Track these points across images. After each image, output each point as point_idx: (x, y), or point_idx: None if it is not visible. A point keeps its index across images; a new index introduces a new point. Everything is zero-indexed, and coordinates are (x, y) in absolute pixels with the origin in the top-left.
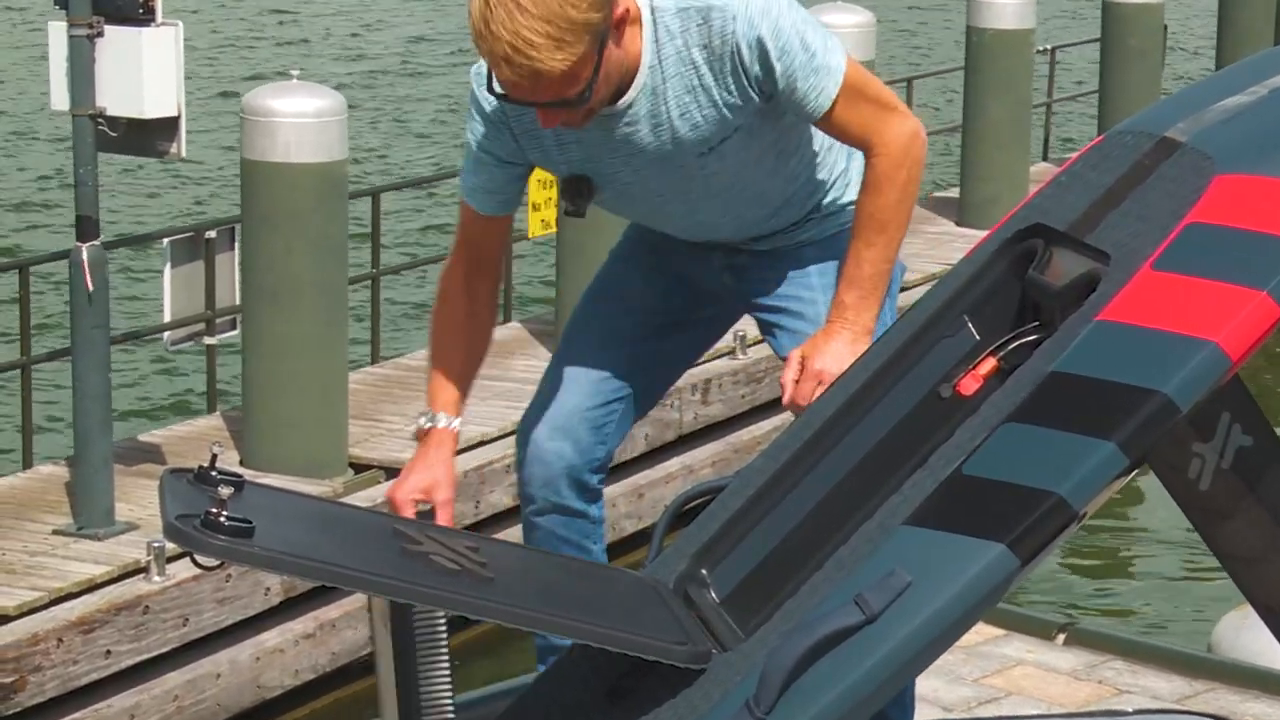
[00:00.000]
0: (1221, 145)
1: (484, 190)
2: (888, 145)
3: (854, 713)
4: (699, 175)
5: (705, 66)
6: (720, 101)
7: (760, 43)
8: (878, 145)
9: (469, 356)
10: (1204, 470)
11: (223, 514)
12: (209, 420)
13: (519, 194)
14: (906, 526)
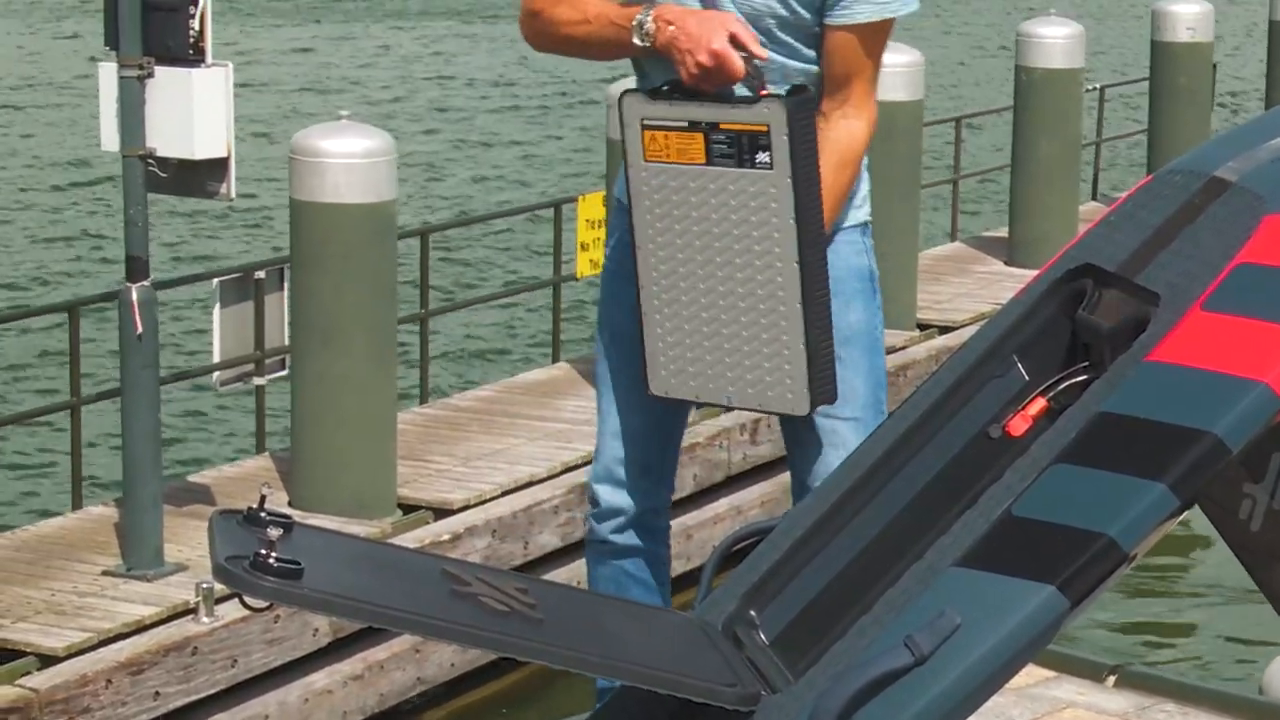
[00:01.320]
0: (1272, 184)
1: None
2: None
3: None
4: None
5: None
6: None
7: None
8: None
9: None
10: (1255, 511)
11: (272, 555)
12: (258, 461)
13: None
14: (956, 568)
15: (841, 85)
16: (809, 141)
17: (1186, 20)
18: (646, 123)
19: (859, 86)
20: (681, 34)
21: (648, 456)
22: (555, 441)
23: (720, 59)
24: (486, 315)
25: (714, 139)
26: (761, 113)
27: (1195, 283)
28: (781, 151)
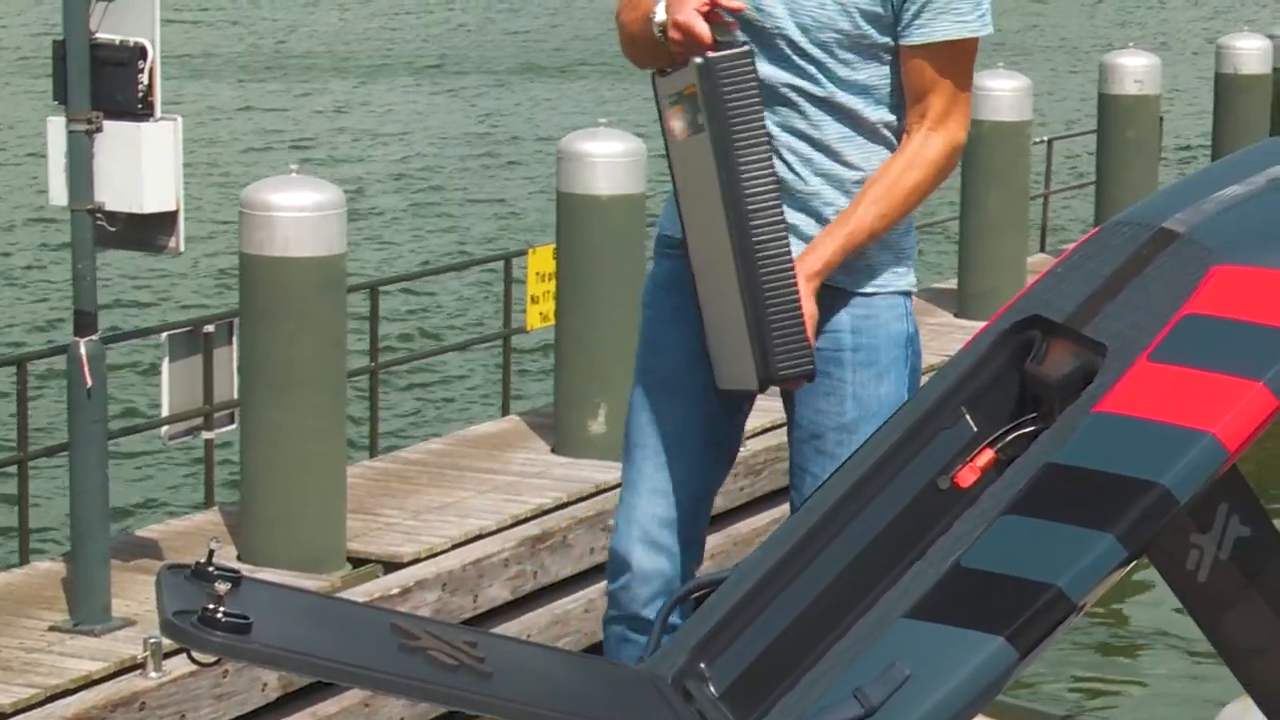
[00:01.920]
0: (1218, 236)
1: None
2: (948, 133)
3: None
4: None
5: None
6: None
7: None
8: (938, 123)
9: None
10: (1203, 561)
11: (220, 610)
12: (206, 515)
13: None
14: (906, 619)
15: (918, 101)
16: (733, 99)
17: (1134, 73)
18: (667, 100)
19: (937, 102)
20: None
21: (687, 513)
22: (505, 494)
23: (683, 29)
24: (436, 368)
25: (685, 108)
26: (689, 75)
27: (1143, 334)
28: (704, 110)
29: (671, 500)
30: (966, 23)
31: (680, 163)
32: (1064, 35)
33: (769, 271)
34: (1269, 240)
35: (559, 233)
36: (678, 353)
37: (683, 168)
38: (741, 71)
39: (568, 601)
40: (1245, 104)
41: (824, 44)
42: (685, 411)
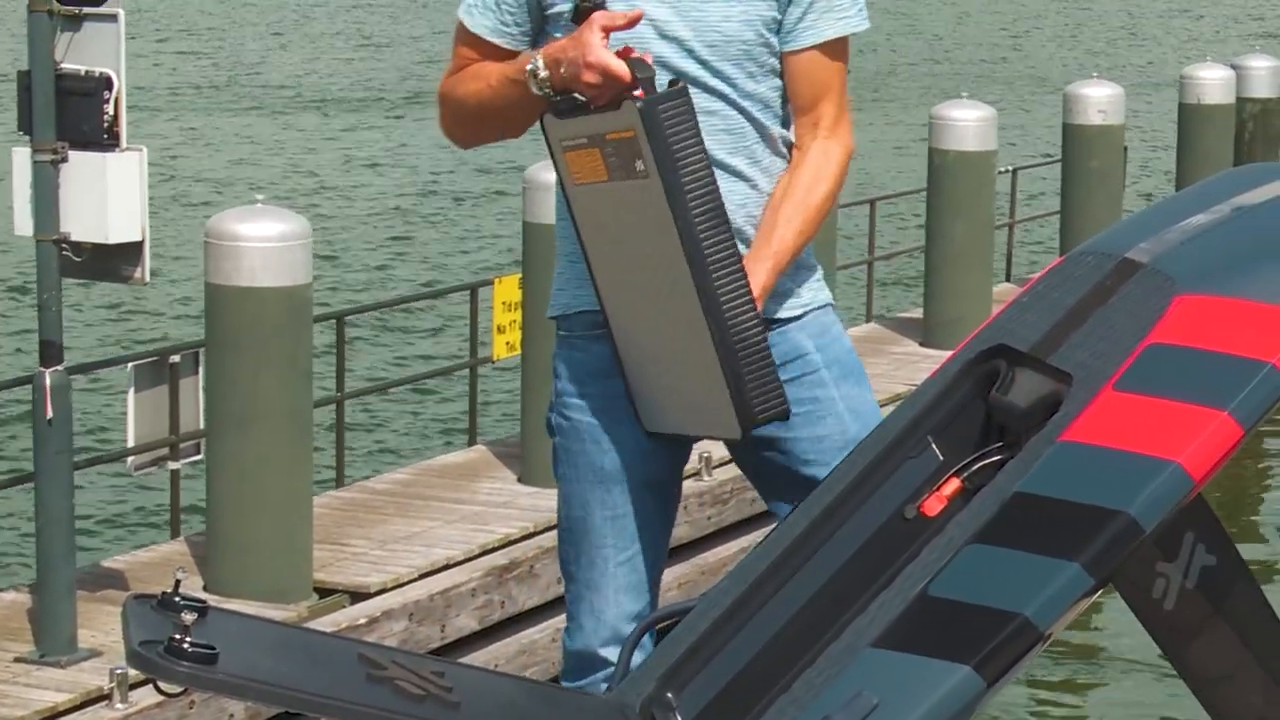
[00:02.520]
0: (1182, 266)
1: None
2: (842, 141)
3: None
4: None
5: None
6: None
7: None
8: (832, 132)
9: None
10: (1169, 590)
11: (186, 640)
12: (173, 545)
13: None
14: (872, 648)
15: (810, 109)
16: (678, 141)
17: (1098, 103)
18: (565, 144)
19: (829, 109)
20: (566, 64)
21: (655, 587)
22: (472, 524)
23: (599, 70)
24: (403, 398)
25: (606, 152)
26: (625, 119)
27: (1108, 363)
28: (648, 156)
29: (642, 590)
30: (849, 19)
31: (588, 207)
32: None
33: (735, 316)
34: (1232, 270)
35: (525, 262)
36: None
37: (592, 212)
38: (683, 110)
39: (535, 631)
40: (1208, 134)
41: (733, 58)
42: (640, 500)
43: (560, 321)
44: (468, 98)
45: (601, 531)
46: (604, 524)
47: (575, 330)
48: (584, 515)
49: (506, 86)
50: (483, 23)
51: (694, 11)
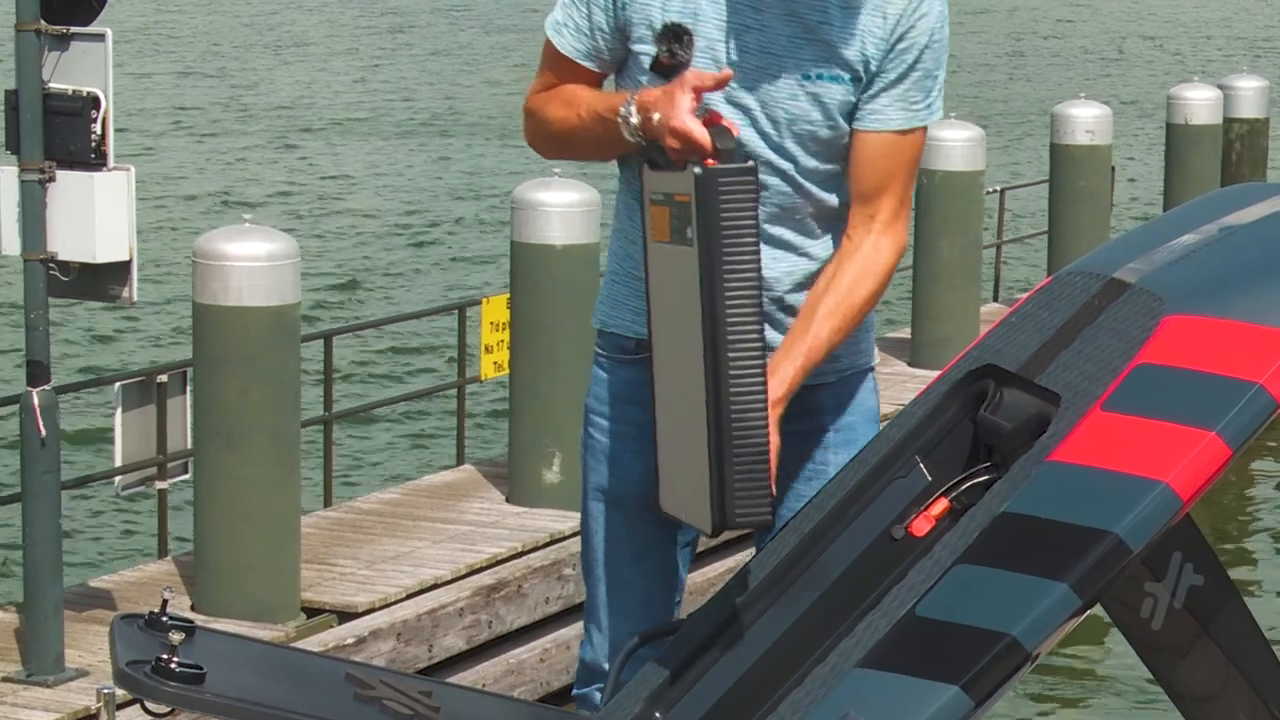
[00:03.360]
0: (1170, 286)
1: (573, 28)
2: (896, 238)
3: None
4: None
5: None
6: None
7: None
8: (887, 228)
9: None
10: (1156, 609)
11: (174, 660)
12: (160, 565)
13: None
14: (860, 669)
15: (869, 200)
16: (728, 219)
17: (1085, 123)
18: (650, 197)
19: (888, 202)
20: (658, 114)
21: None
22: (459, 544)
23: (681, 136)
24: (391, 418)
25: (672, 212)
26: (685, 182)
27: (1095, 383)
28: (695, 226)
29: (652, 608)
30: (917, 111)
31: (656, 265)
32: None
33: (740, 408)
34: (1220, 290)
35: (513, 282)
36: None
37: (658, 271)
38: (743, 188)
39: (522, 651)
40: (1196, 154)
41: (796, 136)
42: (651, 523)
43: (597, 333)
44: (556, 122)
45: (612, 550)
46: (614, 543)
47: (604, 349)
48: (597, 531)
49: (597, 123)
50: (574, 46)
51: (765, 83)
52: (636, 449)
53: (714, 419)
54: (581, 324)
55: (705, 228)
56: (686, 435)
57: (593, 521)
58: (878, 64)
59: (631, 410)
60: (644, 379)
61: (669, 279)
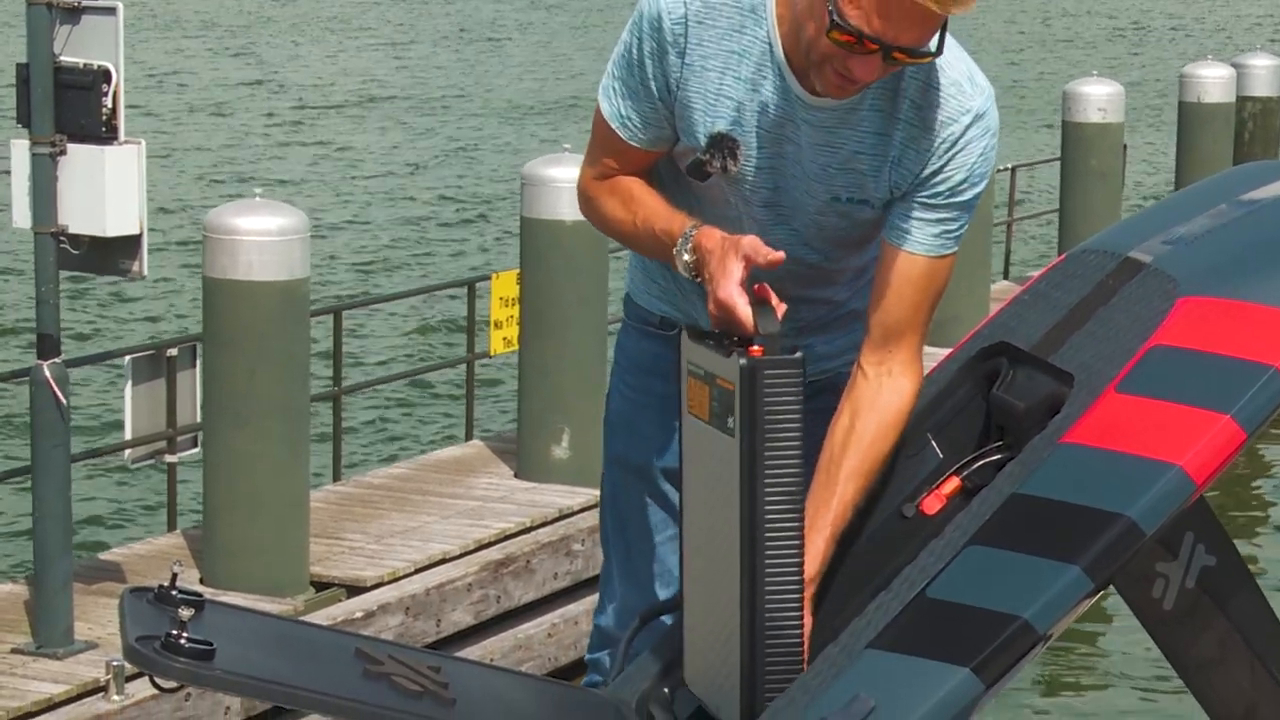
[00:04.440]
0: (1185, 268)
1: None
2: (915, 376)
3: None
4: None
5: (907, 122)
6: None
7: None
8: (907, 368)
9: None
10: (1168, 590)
11: (183, 636)
12: (169, 538)
13: (656, 139)
14: (871, 650)
15: (891, 335)
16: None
17: (1097, 101)
18: (689, 367)
19: (910, 340)
20: (707, 274)
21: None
22: (468, 519)
23: (724, 309)
24: (400, 393)
25: (712, 394)
26: (729, 369)
27: (1110, 365)
28: (738, 418)
29: (668, 579)
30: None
31: (692, 439)
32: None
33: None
34: (1235, 272)
35: (523, 258)
36: (661, 448)
37: (694, 445)
38: (789, 381)
39: (530, 626)
40: (1208, 133)
41: (824, 239)
42: (669, 494)
43: (625, 300)
44: (611, 220)
45: (630, 519)
46: (635, 513)
47: (630, 318)
48: (615, 500)
49: (651, 238)
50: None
51: (797, 195)
52: (659, 420)
53: (748, 617)
54: (591, 301)
55: (748, 425)
56: (716, 614)
57: (613, 490)
58: (911, 190)
59: (654, 381)
60: (667, 353)
61: (705, 458)
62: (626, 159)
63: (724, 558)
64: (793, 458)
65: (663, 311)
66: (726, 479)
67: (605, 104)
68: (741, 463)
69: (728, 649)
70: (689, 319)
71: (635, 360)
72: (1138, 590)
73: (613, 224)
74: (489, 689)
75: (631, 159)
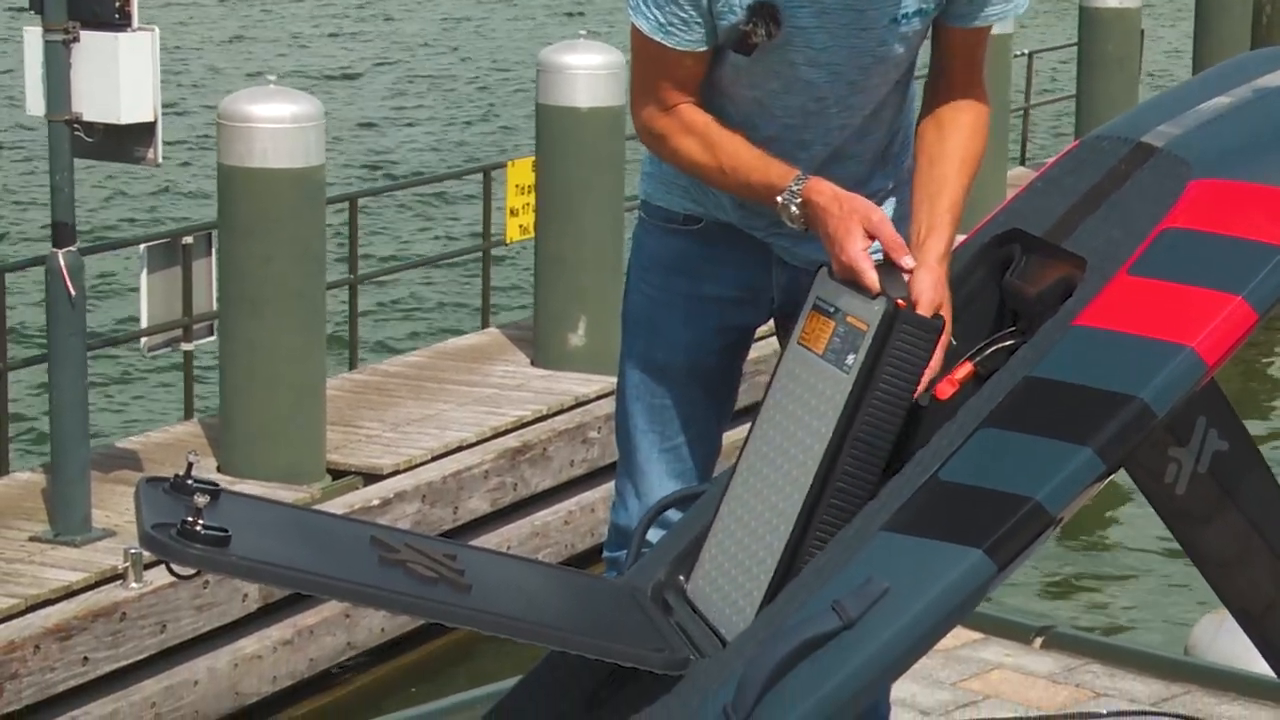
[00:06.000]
0: (1198, 150)
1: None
2: (985, 98)
3: (831, 718)
4: (875, 50)
5: None
6: None
7: None
8: (980, 93)
9: None
10: (1180, 475)
11: (199, 523)
12: (186, 427)
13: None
14: (884, 532)
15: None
16: (896, 368)
17: None
18: (816, 302)
19: (979, 77)
20: (825, 232)
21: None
22: (485, 407)
23: (852, 273)
24: (415, 281)
25: (837, 330)
26: (868, 311)
27: (1122, 248)
28: (861, 359)
29: (688, 478)
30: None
31: (791, 366)
32: None
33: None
34: (1247, 154)
35: (538, 145)
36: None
37: (791, 372)
38: (923, 344)
39: (547, 514)
40: (1226, 19)
41: (883, 75)
42: (689, 392)
43: (641, 205)
44: (688, 163)
45: (648, 418)
46: (651, 411)
47: (651, 216)
48: (634, 399)
49: (743, 187)
50: (688, 39)
51: (853, 39)
52: (683, 318)
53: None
54: (607, 188)
55: (871, 368)
56: (750, 535)
57: (634, 389)
58: None
59: (678, 280)
60: (692, 249)
61: (801, 388)
62: (681, 72)
63: (784, 485)
64: (897, 409)
65: (687, 209)
66: (821, 412)
67: (641, 20)
68: (848, 401)
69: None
70: (713, 214)
71: (657, 258)
72: (1150, 475)
73: (688, 166)
74: (505, 577)
75: (685, 71)
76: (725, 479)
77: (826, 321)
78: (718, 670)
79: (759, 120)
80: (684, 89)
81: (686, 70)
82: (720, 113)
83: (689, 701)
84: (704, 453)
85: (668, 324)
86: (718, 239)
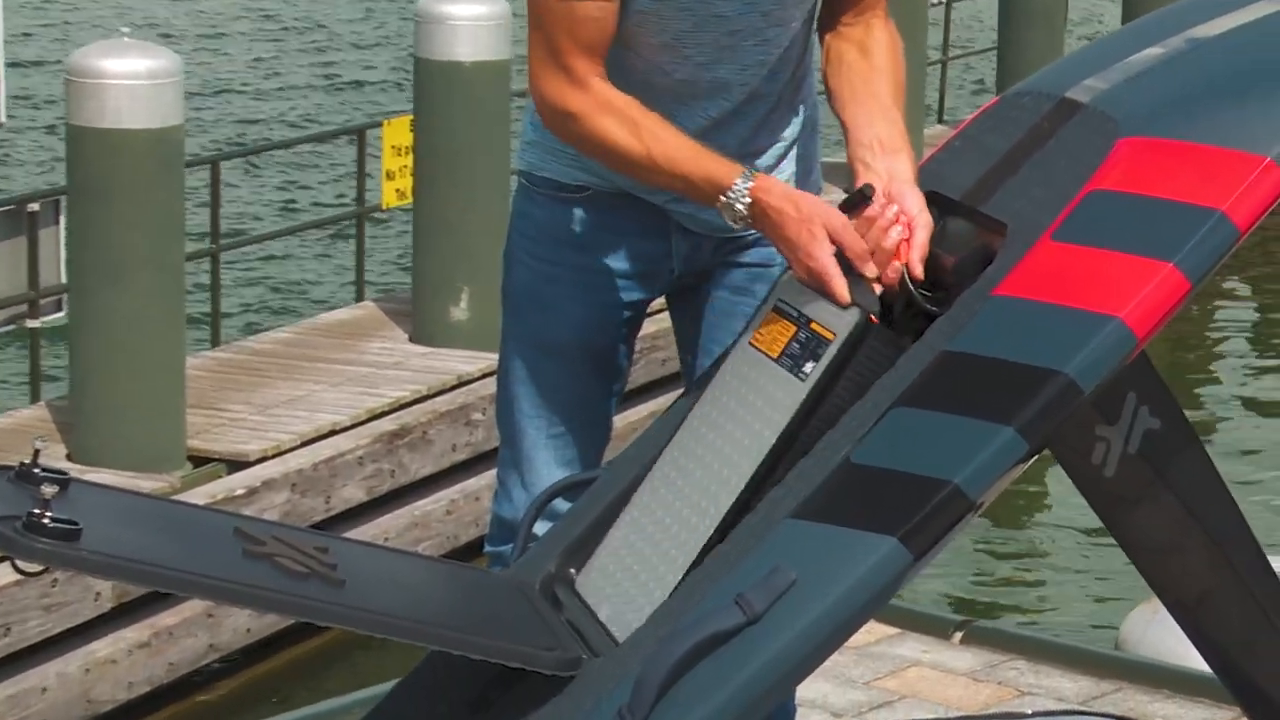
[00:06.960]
0: (1125, 106)
1: None
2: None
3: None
4: None
5: None
6: None
7: None
8: (885, 13)
9: None
10: (1109, 455)
11: (46, 515)
12: (32, 411)
13: None
14: (791, 520)
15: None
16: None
17: None
18: (778, 303)
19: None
20: (783, 235)
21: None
22: (360, 387)
23: (819, 280)
24: (284, 251)
25: (798, 336)
26: (838, 322)
27: (1045, 211)
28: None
29: (575, 466)
30: None
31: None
32: None
33: None
34: (1179, 110)
35: (417, 103)
36: (579, 324)
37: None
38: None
39: (428, 503)
40: None
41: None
42: (580, 373)
43: (523, 174)
44: (611, 147)
45: (534, 402)
46: (537, 394)
47: (536, 186)
48: (519, 382)
49: (679, 179)
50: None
51: None
52: (576, 294)
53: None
54: (492, 147)
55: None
56: (663, 538)
57: (518, 371)
58: None
59: (569, 253)
60: (584, 219)
61: (749, 388)
62: (589, 31)
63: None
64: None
65: (578, 180)
66: (767, 417)
67: None
68: (800, 409)
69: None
70: (610, 184)
71: (545, 229)
72: (1076, 455)
73: (609, 151)
74: (382, 571)
75: (594, 28)
76: (624, 467)
77: (787, 325)
78: (613, 670)
79: (669, 65)
80: (592, 53)
81: (595, 27)
82: (623, 65)
83: (582, 704)
84: (594, 438)
85: (558, 300)
86: (612, 207)
